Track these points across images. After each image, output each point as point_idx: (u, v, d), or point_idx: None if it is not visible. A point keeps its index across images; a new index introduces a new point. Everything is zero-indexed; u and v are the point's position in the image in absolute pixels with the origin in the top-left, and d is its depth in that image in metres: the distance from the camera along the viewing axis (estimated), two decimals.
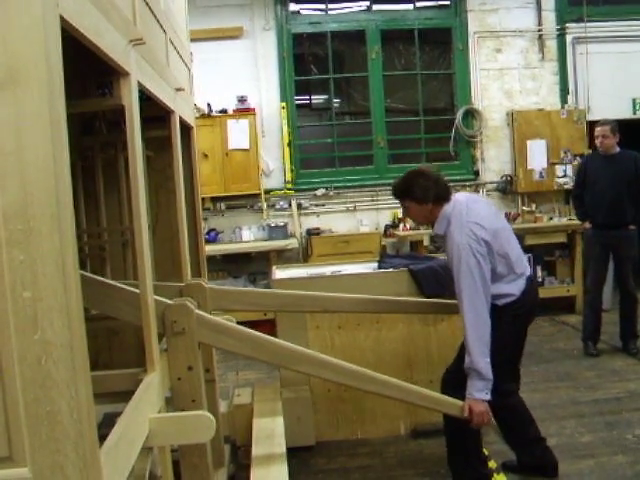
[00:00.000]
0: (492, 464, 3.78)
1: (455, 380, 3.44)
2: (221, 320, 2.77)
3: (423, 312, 4.25)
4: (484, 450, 3.69)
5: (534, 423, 3.71)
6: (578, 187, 6.24)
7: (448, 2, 8.52)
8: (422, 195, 3.42)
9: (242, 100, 7.88)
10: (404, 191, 3.51)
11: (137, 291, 2.29)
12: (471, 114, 8.42)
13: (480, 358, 3.23)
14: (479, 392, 3.25)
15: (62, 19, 1.36)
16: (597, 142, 6.01)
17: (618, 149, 5.99)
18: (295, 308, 3.89)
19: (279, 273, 4.93)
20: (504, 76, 8.45)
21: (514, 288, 3.45)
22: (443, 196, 3.45)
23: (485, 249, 3.30)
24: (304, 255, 8.06)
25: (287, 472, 3.10)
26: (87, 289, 1.42)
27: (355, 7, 8.46)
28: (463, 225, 3.33)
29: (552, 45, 8.50)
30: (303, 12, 8.39)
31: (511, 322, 3.43)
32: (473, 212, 3.41)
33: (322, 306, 3.85)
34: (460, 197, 3.56)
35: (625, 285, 6.02)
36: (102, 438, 1.56)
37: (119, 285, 2.60)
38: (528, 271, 3.60)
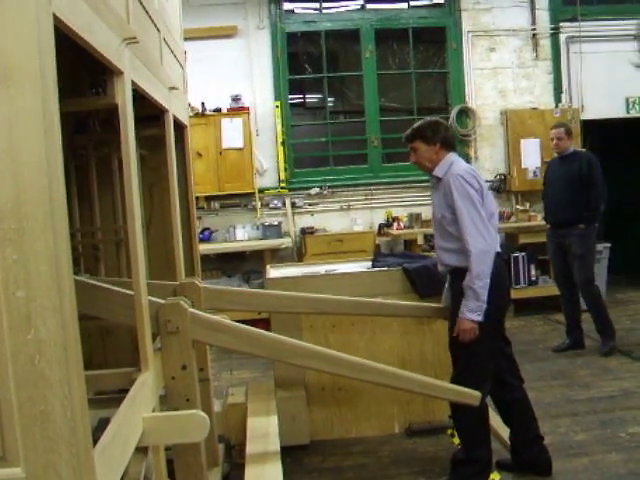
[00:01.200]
0: None
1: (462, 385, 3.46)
2: (216, 317, 2.76)
3: (417, 316, 4.24)
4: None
5: (536, 420, 3.74)
6: (543, 188, 6.52)
7: (442, 1, 8.54)
8: (432, 134, 3.57)
9: (236, 99, 7.88)
10: (416, 131, 3.63)
11: (130, 292, 2.28)
12: (465, 113, 8.44)
13: (479, 279, 3.32)
14: (471, 312, 3.35)
15: (55, 17, 1.35)
16: (552, 144, 6.23)
17: (572, 150, 6.16)
18: (289, 309, 3.89)
19: (273, 272, 4.92)
20: (498, 75, 8.47)
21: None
22: (450, 142, 3.64)
23: (477, 186, 3.46)
24: (298, 254, 8.06)
25: (281, 471, 3.11)
26: (79, 293, 1.41)
27: (349, 6, 8.46)
28: (463, 167, 3.54)
29: (546, 44, 8.52)
30: (297, 11, 8.39)
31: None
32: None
33: (316, 308, 3.85)
34: None
35: (581, 285, 6.07)
36: (97, 443, 1.56)
37: (111, 287, 2.59)
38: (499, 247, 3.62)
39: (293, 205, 8.22)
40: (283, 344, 2.91)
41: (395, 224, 7.96)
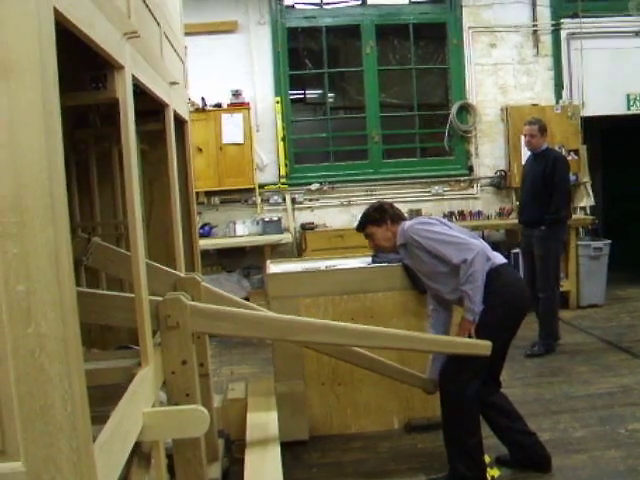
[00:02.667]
0: (486, 458, 3.78)
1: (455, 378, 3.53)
2: (215, 306, 2.75)
3: (407, 383, 4.08)
4: (485, 457, 3.69)
5: (520, 419, 3.75)
6: None
7: None
8: (379, 216, 3.80)
9: (236, 94, 7.87)
10: (365, 218, 3.86)
11: (127, 295, 2.28)
12: (465, 109, 8.42)
13: (468, 282, 3.46)
14: (466, 313, 3.53)
15: (56, 11, 1.35)
16: (525, 141, 6.21)
17: (545, 147, 6.09)
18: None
19: (273, 267, 4.91)
20: (498, 71, 8.45)
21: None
22: (398, 216, 3.84)
23: (434, 222, 3.71)
24: (298, 250, 8.05)
25: (281, 466, 3.11)
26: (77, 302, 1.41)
27: (350, 1, 8.45)
28: (412, 221, 3.81)
29: (547, 40, 8.50)
30: (298, 6, 8.37)
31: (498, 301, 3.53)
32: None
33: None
34: None
35: (538, 289, 5.99)
36: None
37: (108, 293, 2.59)
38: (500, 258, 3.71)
39: (293, 201, 8.22)
40: (286, 322, 2.88)
41: None
